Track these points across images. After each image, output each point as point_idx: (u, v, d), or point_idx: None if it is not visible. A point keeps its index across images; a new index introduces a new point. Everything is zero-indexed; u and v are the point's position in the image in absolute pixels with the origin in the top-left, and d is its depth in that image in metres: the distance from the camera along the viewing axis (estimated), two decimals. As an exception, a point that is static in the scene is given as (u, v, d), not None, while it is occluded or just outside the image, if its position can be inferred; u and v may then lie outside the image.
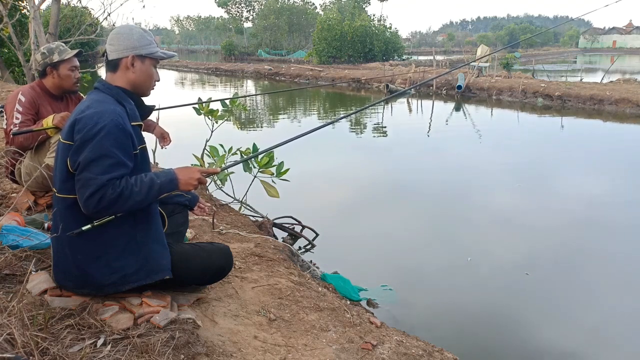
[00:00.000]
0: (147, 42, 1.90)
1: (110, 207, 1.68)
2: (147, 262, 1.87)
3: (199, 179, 1.88)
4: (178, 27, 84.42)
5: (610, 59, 41.87)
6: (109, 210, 1.70)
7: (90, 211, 1.68)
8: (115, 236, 1.81)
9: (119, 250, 1.82)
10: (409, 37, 76.04)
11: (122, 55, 1.87)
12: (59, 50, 2.90)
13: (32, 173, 2.75)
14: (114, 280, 1.83)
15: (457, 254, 4.10)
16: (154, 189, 1.75)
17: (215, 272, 2.14)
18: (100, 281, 1.82)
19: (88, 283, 1.83)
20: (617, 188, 6.25)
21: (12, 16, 8.05)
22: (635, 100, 13.11)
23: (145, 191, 1.73)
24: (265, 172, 3.87)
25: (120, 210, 1.72)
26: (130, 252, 1.84)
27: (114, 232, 1.80)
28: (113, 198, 1.67)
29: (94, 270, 1.80)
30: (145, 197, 1.74)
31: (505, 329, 3.12)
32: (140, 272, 1.85)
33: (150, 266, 1.87)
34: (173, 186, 1.81)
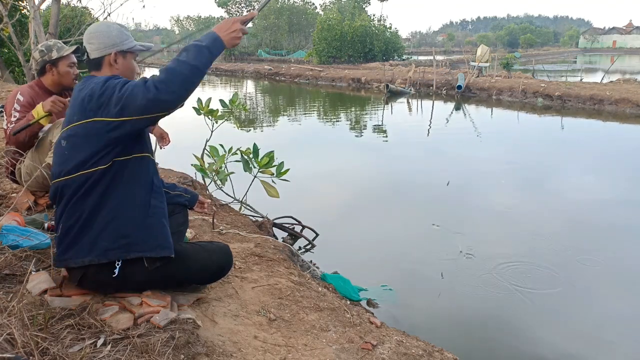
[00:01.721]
0: (126, 37, 1.94)
1: (169, 82, 1.64)
2: (155, 236, 1.88)
3: (241, 30, 1.81)
4: (178, 27, 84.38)
5: (610, 59, 41.88)
6: (173, 86, 1.64)
7: (162, 99, 1.64)
8: (131, 201, 1.83)
9: (131, 217, 1.83)
10: (409, 37, 76.07)
11: (105, 53, 1.90)
12: (57, 47, 2.90)
13: (33, 173, 2.75)
14: (120, 246, 1.82)
15: (457, 254, 4.10)
16: (203, 52, 1.71)
17: (216, 271, 2.14)
18: (106, 245, 1.81)
19: (94, 248, 1.81)
20: (617, 188, 6.25)
21: (12, 16, 8.05)
22: (635, 100, 13.11)
23: (193, 55, 1.69)
24: (265, 172, 3.87)
25: (182, 80, 1.66)
26: (141, 220, 1.85)
27: (131, 198, 1.83)
28: (163, 77, 1.65)
29: (103, 235, 1.80)
30: (197, 60, 1.69)
31: (505, 329, 3.12)
32: (146, 244, 1.86)
33: (157, 241, 1.88)
34: (219, 45, 1.76)
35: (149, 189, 1.88)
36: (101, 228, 1.81)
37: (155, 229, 1.88)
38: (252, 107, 15.06)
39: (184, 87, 1.67)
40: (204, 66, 1.71)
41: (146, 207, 1.86)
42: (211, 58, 1.73)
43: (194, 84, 1.69)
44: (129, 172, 1.83)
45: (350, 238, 4.50)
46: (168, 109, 1.68)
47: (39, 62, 2.89)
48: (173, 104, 1.68)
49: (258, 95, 20.15)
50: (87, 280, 1.89)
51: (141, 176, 1.87)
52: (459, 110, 14.16)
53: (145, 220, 1.85)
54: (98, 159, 1.76)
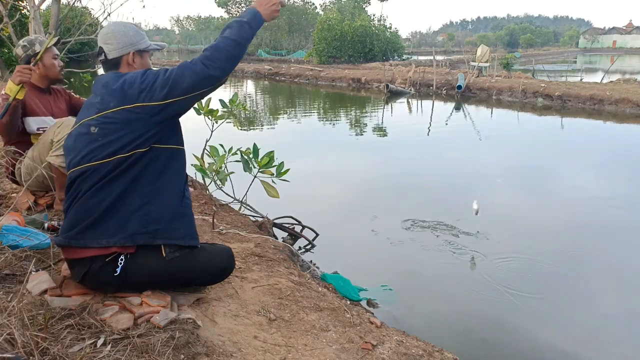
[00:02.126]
0: (142, 37, 2.00)
1: (215, 58, 1.75)
2: (187, 225, 1.95)
3: (280, 3, 1.93)
4: (178, 27, 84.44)
5: (610, 59, 41.87)
6: (218, 61, 1.76)
7: (210, 74, 1.75)
8: (168, 189, 1.89)
9: (166, 204, 1.88)
10: (409, 37, 76.09)
11: (124, 52, 1.94)
12: (38, 41, 2.91)
13: (33, 173, 2.75)
14: (149, 231, 1.85)
15: (457, 254, 4.10)
16: (244, 27, 1.83)
17: (217, 273, 2.14)
18: (135, 229, 1.83)
19: (121, 231, 1.82)
20: (617, 188, 6.25)
21: (12, 16, 8.05)
22: (635, 100, 13.11)
23: (236, 31, 1.81)
24: (265, 172, 3.87)
25: (227, 56, 1.77)
26: (175, 209, 1.91)
27: (168, 186, 1.89)
28: (209, 54, 1.76)
29: (133, 218, 1.82)
30: (239, 36, 1.81)
31: (506, 329, 3.12)
32: (177, 232, 1.90)
33: (188, 230, 1.95)
34: (259, 19, 1.88)
35: (184, 180, 1.98)
36: (131, 211, 1.83)
37: (187, 218, 1.96)
38: (252, 107, 15.06)
39: (229, 62, 1.78)
40: (245, 40, 1.83)
41: (181, 197, 1.93)
42: (252, 32, 1.85)
43: (238, 58, 1.81)
44: (167, 160, 1.88)
45: (350, 238, 4.50)
46: (214, 83, 1.79)
47: (23, 57, 2.90)
48: (219, 78, 1.79)
49: (258, 95, 20.15)
50: (89, 277, 1.88)
51: (178, 166, 1.94)
52: (459, 110, 14.16)
53: (178, 209, 1.92)
54: (139, 143, 1.80)
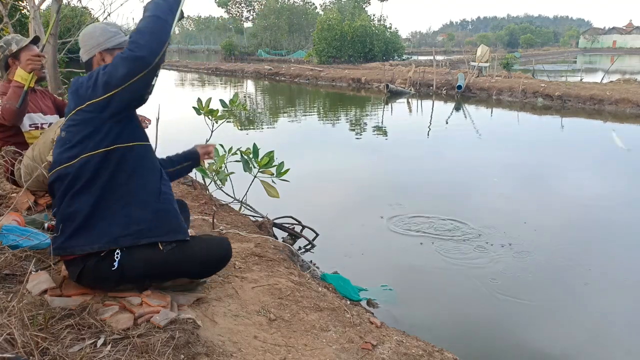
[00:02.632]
0: (111, 35, 2.00)
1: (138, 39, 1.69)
2: (169, 221, 1.94)
3: None
4: (178, 27, 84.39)
5: (610, 59, 41.87)
6: (142, 40, 1.69)
7: (137, 55, 1.68)
8: (143, 188, 1.88)
9: (143, 203, 1.88)
10: (409, 37, 76.11)
11: (91, 54, 1.98)
12: (15, 40, 2.92)
13: (33, 173, 2.75)
14: (132, 232, 1.85)
15: (457, 254, 4.10)
16: (159, 1, 1.75)
17: (215, 263, 2.16)
18: (118, 232, 1.84)
19: (104, 235, 1.84)
20: (617, 188, 6.25)
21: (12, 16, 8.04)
22: (635, 100, 13.11)
23: (152, 7, 1.74)
24: (265, 172, 3.87)
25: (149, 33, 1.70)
26: (153, 207, 1.90)
27: (142, 185, 1.89)
28: (133, 38, 1.70)
29: (115, 222, 1.84)
30: (157, 10, 1.73)
31: (506, 329, 3.12)
32: (159, 229, 1.90)
33: (171, 226, 1.94)
34: None
35: (159, 176, 1.96)
36: (111, 215, 1.84)
37: (167, 214, 1.94)
38: (252, 107, 15.06)
39: (154, 39, 1.70)
40: (164, 13, 1.73)
41: (157, 194, 1.92)
42: (169, 2, 1.75)
43: (162, 32, 1.71)
44: (136, 159, 1.87)
45: (350, 238, 4.50)
46: (147, 65, 1.69)
47: (2, 58, 2.91)
48: (149, 59, 1.69)
49: (258, 95, 20.15)
50: (85, 274, 1.89)
51: (149, 163, 1.93)
52: (459, 110, 14.16)
53: (157, 206, 1.91)
54: (98, 142, 1.80)
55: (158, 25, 1.71)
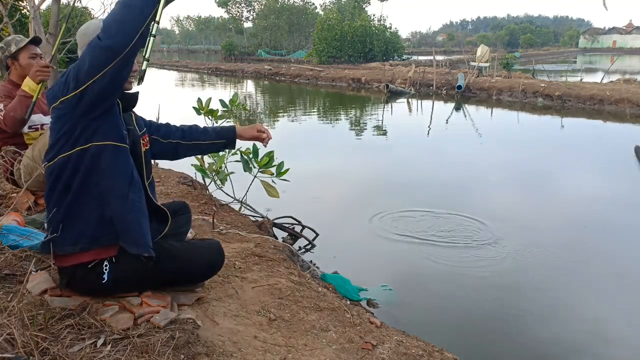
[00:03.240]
0: None
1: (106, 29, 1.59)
2: (132, 232, 1.82)
3: None
4: (178, 27, 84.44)
5: (610, 59, 41.88)
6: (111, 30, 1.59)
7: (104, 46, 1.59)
8: (111, 192, 1.79)
9: (112, 207, 1.79)
10: (409, 37, 76.11)
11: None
12: (15, 41, 2.92)
13: (33, 173, 2.75)
14: (110, 232, 1.81)
15: (457, 254, 4.10)
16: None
17: (207, 270, 2.15)
18: (95, 233, 1.81)
19: (82, 235, 1.81)
20: (617, 188, 6.25)
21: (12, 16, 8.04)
22: (635, 100, 13.11)
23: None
24: (265, 172, 3.87)
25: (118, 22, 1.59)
26: (120, 213, 1.80)
27: (110, 188, 1.79)
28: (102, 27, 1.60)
29: (91, 223, 1.80)
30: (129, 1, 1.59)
31: (506, 329, 3.12)
32: (124, 236, 1.82)
33: (132, 236, 1.82)
34: None
35: (128, 182, 1.82)
36: (88, 215, 1.80)
37: (131, 224, 1.82)
38: (252, 107, 15.06)
39: (121, 27, 1.59)
40: (134, 1, 1.60)
41: (124, 200, 1.80)
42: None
43: (134, 22, 1.60)
44: (108, 159, 1.78)
45: (350, 238, 4.50)
46: (115, 55, 1.60)
47: (2, 59, 2.91)
48: (117, 48, 1.60)
49: (258, 95, 20.15)
50: (74, 285, 1.88)
51: (119, 166, 1.80)
52: (459, 110, 14.16)
53: (122, 213, 1.80)
54: (74, 140, 1.74)
55: (129, 13, 1.59)
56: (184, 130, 2.33)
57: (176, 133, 2.30)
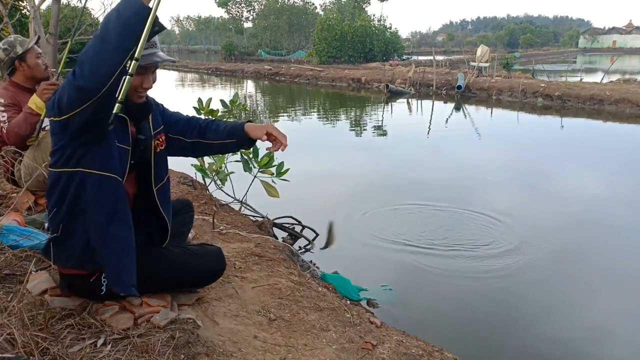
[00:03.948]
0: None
1: (81, 64, 1.44)
2: (109, 267, 1.74)
3: None
4: (178, 27, 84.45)
5: (610, 59, 41.88)
6: (84, 67, 1.44)
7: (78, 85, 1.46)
8: (91, 222, 1.71)
9: (92, 235, 1.72)
10: (409, 37, 76.12)
11: None
12: (19, 41, 2.89)
13: (33, 173, 2.75)
14: (93, 260, 1.74)
15: (457, 254, 4.10)
16: (110, 16, 1.42)
17: (209, 276, 2.14)
18: (82, 257, 1.76)
19: (73, 257, 1.77)
20: (617, 188, 6.25)
21: (12, 16, 8.06)
22: (635, 100, 13.11)
23: (103, 23, 1.43)
24: (265, 172, 3.87)
25: (91, 58, 1.44)
26: (99, 246, 1.72)
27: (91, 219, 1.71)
28: (79, 59, 1.45)
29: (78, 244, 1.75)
30: (103, 30, 1.42)
31: (506, 328, 3.12)
32: (105, 270, 1.76)
33: (109, 271, 1.75)
34: (132, 1, 1.41)
35: (110, 215, 1.70)
36: (76, 238, 1.75)
37: (108, 261, 1.73)
38: (252, 107, 15.06)
39: (96, 70, 1.42)
40: (109, 33, 1.40)
41: (104, 234, 1.70)
42: (120, 20, 1.40)
43: (108, 60, 1.41)
44: (91, 188, 1.68)
45: (350, 238, 4.50)
46: (90, 96, 1.46)
47: (6, 61, 2.88)
48: (91, 91, 1.45)
49: (258, 95, 20.15)
50: (74, 290, 1.87)
51: (102, 198, 1.69)
52: (459, 110, 14.16)
53: (101, 247, 1.71)
54: (65, 160, 1.67)
55: (103, 49, 1.41)
56: (201, 127, 2.13)
57: (194, 131, 2.12)
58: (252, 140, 2.10)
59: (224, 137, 2.11)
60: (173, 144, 2.09)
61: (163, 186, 2.00)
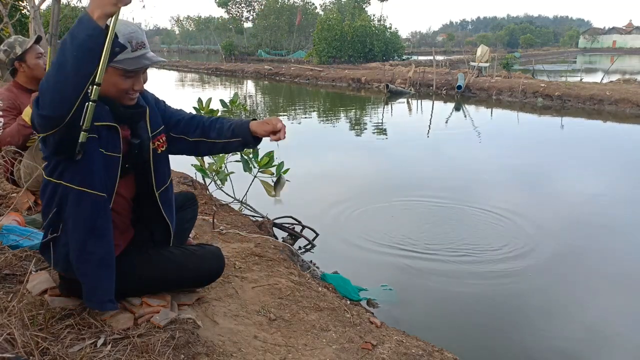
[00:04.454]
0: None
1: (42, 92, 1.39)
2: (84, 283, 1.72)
3: None
4: (178, 27, 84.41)
5: (610, 59, 41.88)
6: (45, 95, 1.38)
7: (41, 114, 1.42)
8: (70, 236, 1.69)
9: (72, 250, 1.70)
10: (409, 37, 76.14)
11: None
12: (18, 42, 2.89)
13: (33, 173, 2.75)
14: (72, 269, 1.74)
15: (457, 254, 4.10)
16: (64, 43, 1.34)
17: (208, 276, 2.13)
18: (66, 267, 1.76)
19: (58, 260, 1.76)
20: (617, 188, 6.25)
21: (12, 16, 8.06)
22: (635, 100, 13.11)
23: (59, 50, 1.36)
24: (265, 172, 3.87)
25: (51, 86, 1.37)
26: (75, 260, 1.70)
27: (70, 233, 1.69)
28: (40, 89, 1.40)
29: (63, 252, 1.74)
30: (59, 55, 1.35)
31: (506, 328, 3.12)
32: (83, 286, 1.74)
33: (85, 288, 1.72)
34: (84, 23, 1.33)
35: (88, 231, 1.67)
36: (59, 248, 1.74)
37: (85, 275, 1.70)
38: (252, 107, 15.06)
39: (56, 98, 1.37)
40: (66, 59, 1.33)
41: (80, 250, 1.68)
42: (75, 44, 1.33)
43: (67, 87, 1.36)
44: (71, 203, 1.66)
45: (350, 238, 4.50)
46: (56, 124, 1.43)
47: (7, 62, 2.88)
48: (55, 120, 1.41)
49: (258, 95, 20.15)
50: (74, 291, 1.87)
51: (80, 214, 1.66)
52: (458, 110, 14.16)
53: (77, 262, 1.69)
54: (51, 169, 1.66)
55: (61, 75, 1.35)
56: (205, 126, 2.05)
57: (197, 130, 2.04)
58: (258, 138, 2.02)
59: (228, 136, 2.03)
60: (175, 144, 2.03)
61: (166, 189, 1.95)
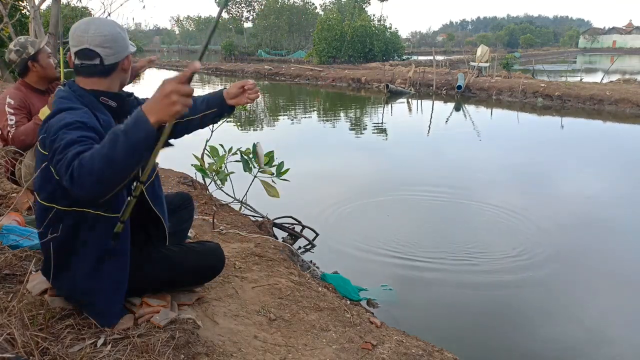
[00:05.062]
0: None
1: (82, 174, 1.33)
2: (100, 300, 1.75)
3: (177, 91, 1.30)
4: (178, 27, 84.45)
5: (610, 59, 41.89)
6: (84, 179, 1.33)
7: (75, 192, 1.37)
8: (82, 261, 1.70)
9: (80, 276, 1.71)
10: (409, 37, 76.15)
11: (122, 57, 1.71)
12: (30, 42, 2.89)
13: (34, 173, 2.75)
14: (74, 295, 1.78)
15: (457, 254, 4.10)
16: (118, 139, 1.31)
17: (208, 273, 2.14)
18: (67, 292, 1.78)
19: (63, 286, 1.79)
20: (617, 188, 6.25)
21: (12, 16, 8.05)
22: (635, 100, 13.11)
23: (108, 141, 1.32)
24: (265, 172, 3.87)
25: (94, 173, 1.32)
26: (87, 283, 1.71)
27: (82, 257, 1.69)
28: (82, 165, 1.34)
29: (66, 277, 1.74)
30: (111, 149, 1.31)
31: (506, 328, 3.12)
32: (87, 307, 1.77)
33: (100, 306, 1.75)
34: (141, 125, 1.30)
35: (101, 254, 1.68)
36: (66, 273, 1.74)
37: (96, 295, 1.73)
38: (252, 107, 15.06)
39: (97, 183, 1.34)
40: (119, 155, 1.31)
41: (95, 270, 1.70)
42: (128, 143, 1.30)
43: (111, 177, 1.34)
44: (86, 228, 1.65)
45: (350, 238, 4.50)
46: (88, 204, 1.53)
47: (19, 62, 2.87)
48: (87, 199, 1.40)
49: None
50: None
51: (93, 239, 1.66)
52: (458, 110, 14.16)
53: (85, 284, 1.71)
54: (53, 196, 1.62)
55: (107, 168, 1.32)
56: None
57: None
58: (232, 106, 2.08)
59: (203, 109, 2.04)
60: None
61: (152, 183, 1.93)
